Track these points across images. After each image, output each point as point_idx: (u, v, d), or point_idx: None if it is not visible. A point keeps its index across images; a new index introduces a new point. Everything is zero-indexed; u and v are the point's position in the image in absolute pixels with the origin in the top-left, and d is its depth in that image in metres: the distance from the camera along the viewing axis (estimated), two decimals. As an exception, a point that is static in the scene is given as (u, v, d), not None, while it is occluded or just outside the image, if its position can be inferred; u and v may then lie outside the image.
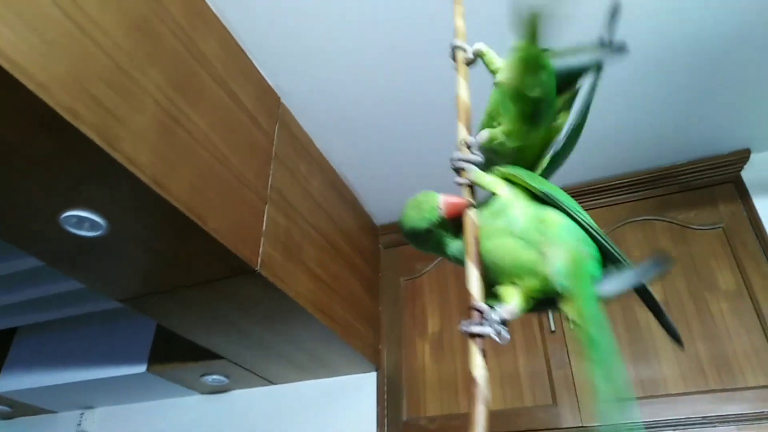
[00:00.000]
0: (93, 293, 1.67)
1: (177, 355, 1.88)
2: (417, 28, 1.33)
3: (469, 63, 0.72)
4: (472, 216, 0.57)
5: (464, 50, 0.71)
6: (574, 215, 0.54)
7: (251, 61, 1.42)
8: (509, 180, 0.59)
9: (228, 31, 1.33)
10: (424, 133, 1.66)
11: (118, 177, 0.96)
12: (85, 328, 2.09)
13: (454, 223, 0.60)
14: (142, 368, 1.92)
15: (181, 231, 1.11)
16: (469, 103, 0.68)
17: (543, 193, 0.55)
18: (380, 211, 2.06)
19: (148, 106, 1.01)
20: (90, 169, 0.95)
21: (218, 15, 1.30)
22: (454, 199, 0.60)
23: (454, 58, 0.72)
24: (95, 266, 1.25)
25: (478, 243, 0.55)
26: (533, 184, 0.56)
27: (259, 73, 1.45)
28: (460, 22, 0.75)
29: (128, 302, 1.40)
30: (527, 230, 0.54)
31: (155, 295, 1.35)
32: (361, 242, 1.94)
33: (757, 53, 1.39)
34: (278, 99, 1.52)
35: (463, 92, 0.69)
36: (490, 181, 0.60)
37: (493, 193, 0.58)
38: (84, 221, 1.07)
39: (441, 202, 0.60)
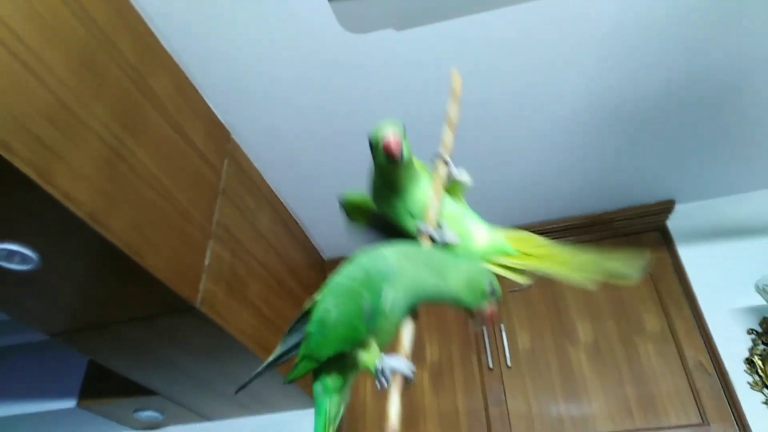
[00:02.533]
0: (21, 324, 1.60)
1: (110, 390, 1.81)
2: (367, 72, 1.38)
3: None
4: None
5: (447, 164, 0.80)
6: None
7: (202, 98, 1.43)
8: None
9: (180, 68, 1.35)
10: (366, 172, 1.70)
11: (53, 212, 0.94)
12: (11, 360, 1.98)
13: None
14: (72, 403, 1.83)
15: (118, 267, 1.09)
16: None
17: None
18: (328, 246, 2.07)
19: (91, 142, 1.00)
20: (24, 203, 0.93)
21: (170, 52, 1.31)
22: None
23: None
24: (25, 300, 1.21)
25: None
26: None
27: (210, 109, 1.46)
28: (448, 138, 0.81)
29: (59, 337, 1.35)
30: None
31: (87, 330, 1.31)
32: (309, 277, 1.94)
33: (680, 112, 1.52)
34: (228, 134, 1.53)
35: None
36: None
37: None
38: (14, 255, 1.04)
39: None
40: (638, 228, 1.85)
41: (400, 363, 0.59)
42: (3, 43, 0.85)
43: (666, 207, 1.84)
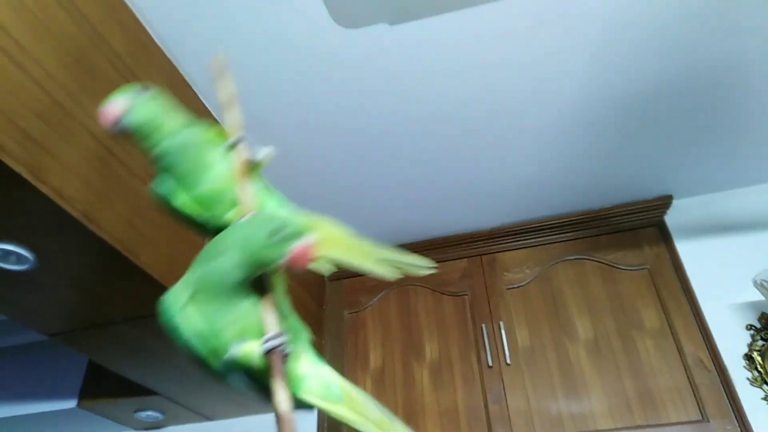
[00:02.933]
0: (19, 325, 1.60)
1: (110, 390, 1.81)
2: (361, 66, 1.38)
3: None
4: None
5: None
6: None
7: (196, 94, 1.43)
8: None
9: (173, 64, 1.34)
10: (367, 167, 1.70)
11: (47, 211, 0.94)
12: (11, 361, 1.99)
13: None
14: (72, 403, 1.83)
15: (113, 265, 1.09)
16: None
17: None
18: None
19: (83, 140, 1.00)
20: (17, 202, 0.93)
21: (162, 48, 1.31)
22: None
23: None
24: (22, 300, 1.21)
25: None
26: None
27: (204, 106, 1.46)
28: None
29: (57, 337, 1.35)
30: None
31: (85, 330, 1.31)
32: (306, 275, 1.94)
33: (677, 107, 1.51)
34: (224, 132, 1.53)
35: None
36: None
37: None
38: (10, 254, 1.04)
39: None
40: (636, 224, 1.85)
41: (271, 341, 0.55)
42: (-7, 40, 0.85)
43: (664, 202, 1.83)
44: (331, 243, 0.68)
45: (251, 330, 0.58)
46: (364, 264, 0.68)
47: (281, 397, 0.53)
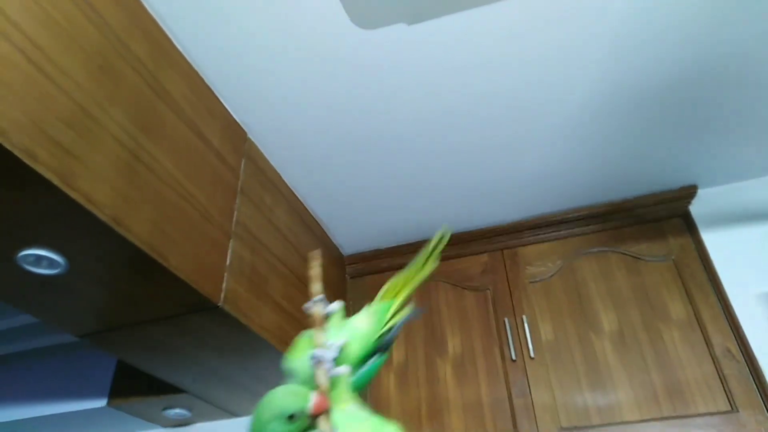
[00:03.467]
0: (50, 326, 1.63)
1: (139, 389, 1.85)
2: (379, 68, 1.38)
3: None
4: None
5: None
6: None
7: (218, 98, 1.44)
8: None
9: (194, 69, 1.36)
10: (388, 165, 1.71)
11: (77, 216, 0.96)
12: (42, 362, 2.03)
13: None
14: (102, 402, 1.87)
15: (142, 268, 1.11)
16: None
17: None
18: (347, 242, 2.08)
19: (109, 145, 1.02)
20: (48, 208, 0.95)
21: (184, 53, 1.32)
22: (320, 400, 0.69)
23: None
24: (53, 303, 1.24)
25: None
26: None
27: (226, 109, 1.47)
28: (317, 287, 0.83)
29: (87, 338, 1.38)
30: None
31: (114, 330, 1.34)
32: (328, 273, 1.95)
33: (699, 96, 1.48)
34: (245, 134, 1.54)
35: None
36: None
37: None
38: (42, 259, 1.07)
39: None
40: (660, 214, 1.82)
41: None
42: (21, 50, 0.87)
43: (688, 192, 1.81)
44: (397, 293, 0.85)
45: None
46: (418, 281, 0.86)
47: None
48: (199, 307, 1.25)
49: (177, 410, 1.91)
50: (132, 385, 1.86)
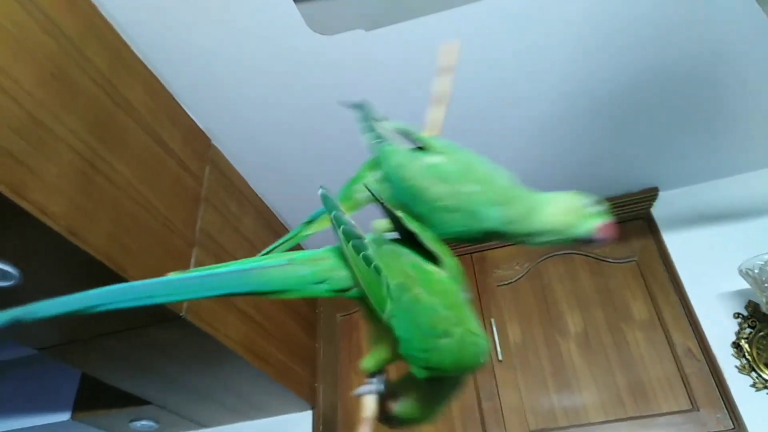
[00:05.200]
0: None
1: (104, 401, 1.81)
2: (342, 70, 1.38)
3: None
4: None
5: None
6: None
7: (179, 105, 1.42)
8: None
9: (154, 76, 1.34)
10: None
11: (30, 227, 0.94)
12: (3, 376, 1.98)
13: None
14: (66, 416, 1.83)
15: (100, 280, 1.09)
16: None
17: None
18: (316, 247, 2.07)
19: (64, 155, 1.00)
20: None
21: (144, 60, 1.30)
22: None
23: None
24: (9, 316, 1.21)
25: None
26: None
27: (188, 116, 1.45)
28: None
29: (46, 351, 1.35)
30: None
31: (74, 343, 1.31)
32: (297, 279, 1.94)
33: (659, 100, 1.52)
34: (208, 141, 1.53)
35: None
36: None
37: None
38: (-6, 271, 1.04)
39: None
40: (623, 216, 1.86)
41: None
42: (-32, 60, 0.85)
43: (650, 194, 1.85)
44: None
45: None
46: None
47: None
48: (161, 318, 1.23)
49: (144, 422, 1.87)
50: (97, 398, 1.82)
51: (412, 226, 0.61)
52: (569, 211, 0.62)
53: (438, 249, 0.59)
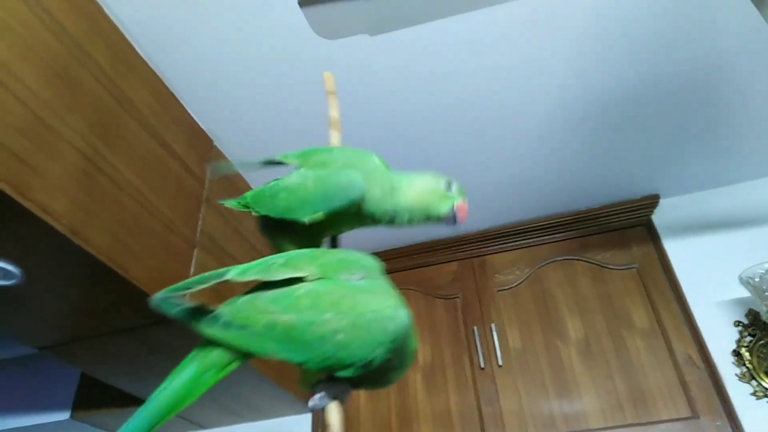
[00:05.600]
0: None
1: (103, 401, 1.81)
2: (345, 74, 1.39)
3: None
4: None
5: None
6: None
7: (182, 106, 1.43)
8: None
9: (158, 77, 1.35)
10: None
11: (32, 226, 0.94)
12: (3, 374, 1.98)
13: None
14: (65, 415, 1.83)
15: (101, 280, 1.09)
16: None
17: None
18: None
19: (68, 155, 1.00)
20: (2, 218, 0.93)
21: (147, 61, 1.31)
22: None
23: None
24: (10, 315, 1.21)
25: None
26: None
27: (191, 117, 1.46)
28: None
29: (47, 350, 1.35)
30: None
31: (75, 342, 1.31)
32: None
33: (661, 107, 1.52)
34: (211, 142, 1.53)
35: None
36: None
37: None
38: (-4, 270, 1.04)
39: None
40: (624, 223, 1.86)
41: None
42: (-26, 59, 0.85)
43: (651, 202, 1.85)
44: None
45: None
46: None
47: None
48: (161, 318, 1.23)
49: (143, 422, 1.87)
50: (96, 397, 1.82)
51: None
52: (428, 192, 0.66)
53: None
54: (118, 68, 1.20)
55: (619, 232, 1.86)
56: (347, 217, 0.67)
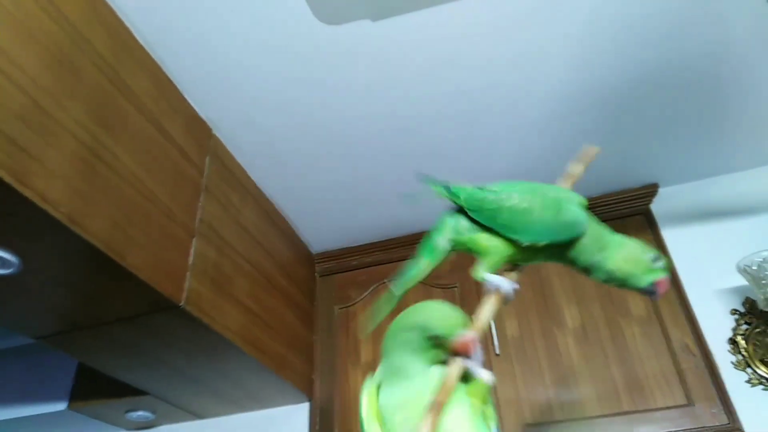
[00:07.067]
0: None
1: (101, 391, 1.80)
2: (345, 62, 1.38)
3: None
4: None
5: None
6: None
7: (182, 94, 1.42)
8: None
9: (157, 64, 1.33)
10: (358, 162, 1.70)
11: (30, 214, 0.93)
12: (0, 364, 1.97)
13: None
14: (62, 405, 1.82)
15: (100, 268, 1.08)
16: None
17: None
18: (316, 240, 2.07)
19: (67, 142, 0.99)
20: (0, 206, 0.92)
21: (147, 48, 1.30)
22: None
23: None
24: (7, 304, 1.20)
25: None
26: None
27: (190, 105, 1.45)
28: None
29: (44, 339, 1.34)
30: None
31: (73, 332, 1.30)
32: (297, 272, 1.94)
33: (660, 96, 1.53)
34: (210, 131, 1.52)
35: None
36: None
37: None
38: (-6, 258, 1.03)
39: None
40: (622, 212, 1.87)
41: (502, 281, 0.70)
42: (-29, 43, 0.84)
43: (649, 191, 1.85)
44: None
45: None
46: None
47: None
48: (160, 307, 1.23)
49: (140, 413, 1.87)
50: (93, 388, 1.81)
51: None
52: (635, 261, 0.67)
53: None
54: (118, 55, 1.18)
55: (617, 221, 1.86)
56: (556, 250, 0.69)
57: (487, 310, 0.68)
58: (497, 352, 1.72)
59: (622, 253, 0.68)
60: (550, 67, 1.42)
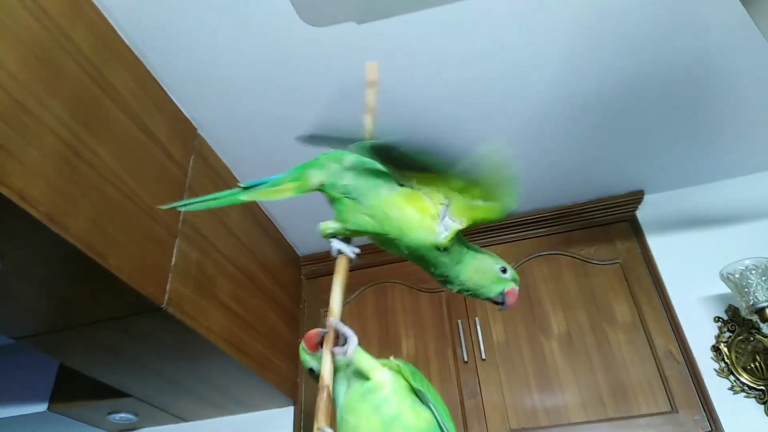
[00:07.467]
0: (-14, 329, 1.56)
1: (82, 392, 1.78)
2: (331, 63, 1.37)
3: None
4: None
5: None
6: (440, 420, 0.61)
7: (166, 93, 1.40)
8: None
9: (141, 63, 1.32)
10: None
11: (9, 213, 0.92)
12: (-21, 365, 1.94)
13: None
14: (43, 407, 1.79)
15: (80, 268, 1.07)
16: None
17: (420, 391, 0.62)
18: (302, 242, 2.06)
19: (47, 140, 0.98)
20: (-23, 204, 0.90)
21: (131, 46, 1.28)
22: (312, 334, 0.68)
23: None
24: (-15, 303, 1.18)
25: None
26: (414, 384, 0.62)
27: (175, 104, 1.43)
28: None
29: (24, 340, 1.32)
30: (397, 419, 0.60)
31: (54, 333, 1.29)
32: (283, 274, 1.93)
33: (647, 104, 1.53)
34: (195, 130, 1.51)
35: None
36: (369, 365, 0.64)
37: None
38: (-29, 257, 1.01)
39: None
40: (608, 219, 1.87)
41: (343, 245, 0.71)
42: (-52, 39, 0.83)
43: (635, 197, 1.86)
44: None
45: None
46: None
47: None
48: (142, 309, 1.21)
49: (122, 414, 1.84)
50: (75, 389, 1.79)
51: None
52: (484, 272, 0.69)
53: None
54: (101, 53, 1.17)
55: (603, 227, 1.87)
56: (424, 257, 0.70)
57: (337, 285, 0.68)
58: (483, 357, 1.72)
59: (474, 265, 0.69)
60: (536, 73, 1.42)
